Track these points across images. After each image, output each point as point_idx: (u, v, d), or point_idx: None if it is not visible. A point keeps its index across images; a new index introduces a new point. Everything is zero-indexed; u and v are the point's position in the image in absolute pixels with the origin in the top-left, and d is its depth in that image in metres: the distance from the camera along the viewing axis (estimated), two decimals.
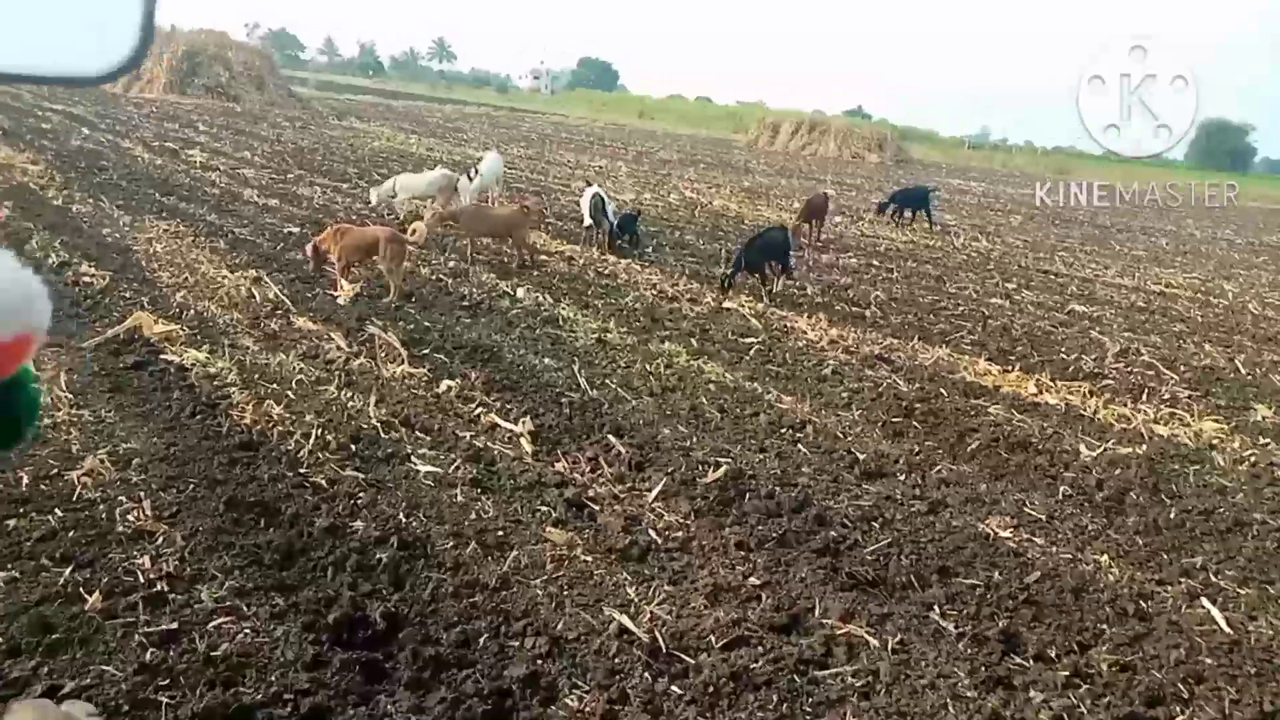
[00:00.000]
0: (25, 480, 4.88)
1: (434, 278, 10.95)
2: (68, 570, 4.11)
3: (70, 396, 6.13)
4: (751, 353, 9.09)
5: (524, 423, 6.39)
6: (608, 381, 7.76)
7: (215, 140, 23.40)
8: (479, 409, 6.72)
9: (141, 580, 4.12)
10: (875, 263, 15.52)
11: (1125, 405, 8.47)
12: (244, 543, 4.51)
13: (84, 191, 14.11)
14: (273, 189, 16.45)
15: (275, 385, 6.81)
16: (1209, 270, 19.70)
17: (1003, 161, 73.46)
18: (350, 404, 6.59)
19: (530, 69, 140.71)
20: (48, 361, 6.73)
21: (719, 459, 6.14)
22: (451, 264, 11.70)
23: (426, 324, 8.95)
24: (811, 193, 19.73)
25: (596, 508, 5.38)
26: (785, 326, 10.40)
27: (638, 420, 6.89)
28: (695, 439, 6.59)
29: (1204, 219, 32.73)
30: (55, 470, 5.05)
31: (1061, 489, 6.32)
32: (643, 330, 9.56)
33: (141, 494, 4.88)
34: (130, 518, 4.62)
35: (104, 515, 4.63)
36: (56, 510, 4.63)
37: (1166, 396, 8.88)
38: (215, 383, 6.69)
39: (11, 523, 4.45)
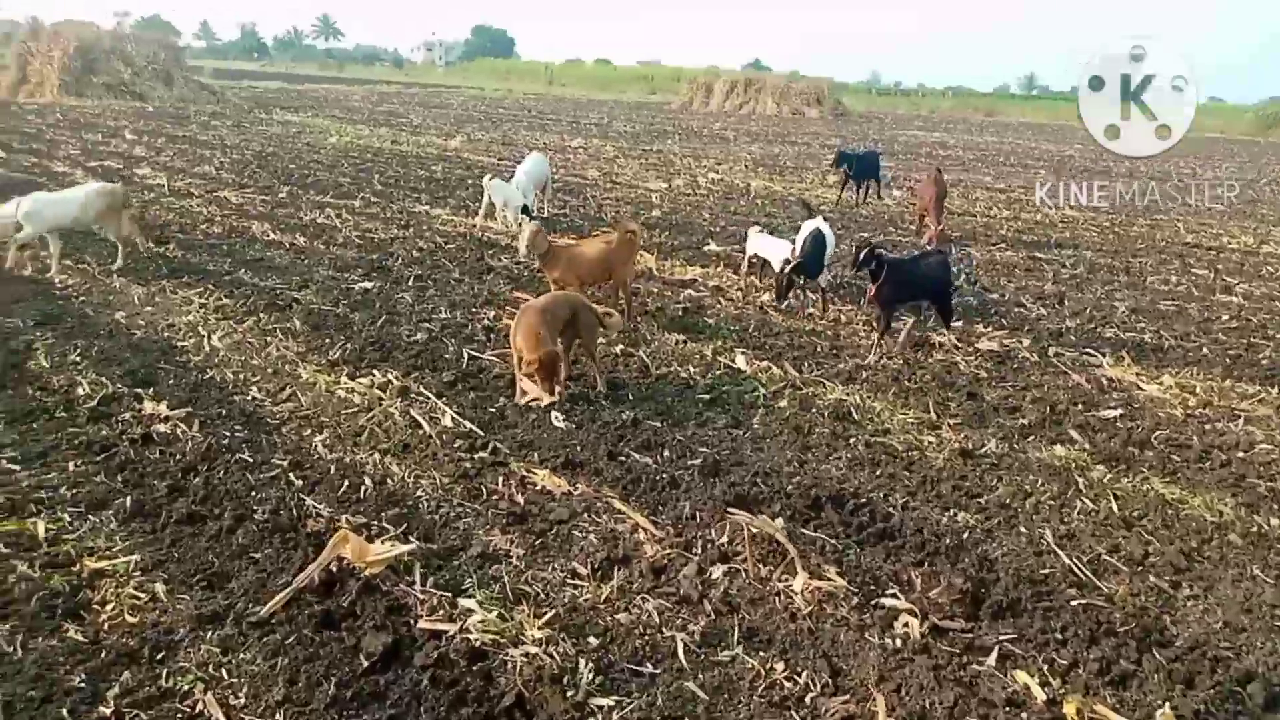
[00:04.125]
0: None
1: (609, 346, 7.73)
2: None
3: None
4: (1158, 444, 6.31)
5: None
6: (1099, 556, 4.82)
7: (156, 153, 19.13)
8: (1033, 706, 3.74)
9: None
10: (1038, 255, 12.85)
11: None
12: None
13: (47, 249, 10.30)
14: (281, 219, 12.69)
15: (660, 675, 3.72)
16: None
17: (930, 107, 71.85)
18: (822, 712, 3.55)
19: (423, 41, 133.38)
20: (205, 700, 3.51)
21: None
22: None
23: (699, 444, 5.88)
24: (926, 173, 16.93)
25: None
26: (1099, 379, 7.65)
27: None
28: None
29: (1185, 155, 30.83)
30: None
31: None
32: (974, 417, 6.65)
33: None
34: None
35: None
36: None
37: None
38: (567, 693, 3.55)
39: None
